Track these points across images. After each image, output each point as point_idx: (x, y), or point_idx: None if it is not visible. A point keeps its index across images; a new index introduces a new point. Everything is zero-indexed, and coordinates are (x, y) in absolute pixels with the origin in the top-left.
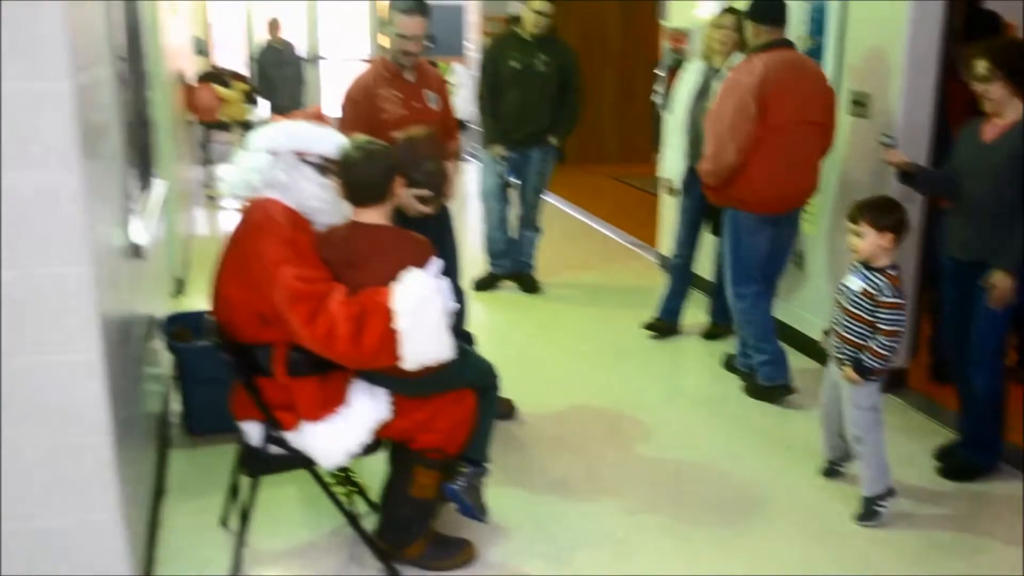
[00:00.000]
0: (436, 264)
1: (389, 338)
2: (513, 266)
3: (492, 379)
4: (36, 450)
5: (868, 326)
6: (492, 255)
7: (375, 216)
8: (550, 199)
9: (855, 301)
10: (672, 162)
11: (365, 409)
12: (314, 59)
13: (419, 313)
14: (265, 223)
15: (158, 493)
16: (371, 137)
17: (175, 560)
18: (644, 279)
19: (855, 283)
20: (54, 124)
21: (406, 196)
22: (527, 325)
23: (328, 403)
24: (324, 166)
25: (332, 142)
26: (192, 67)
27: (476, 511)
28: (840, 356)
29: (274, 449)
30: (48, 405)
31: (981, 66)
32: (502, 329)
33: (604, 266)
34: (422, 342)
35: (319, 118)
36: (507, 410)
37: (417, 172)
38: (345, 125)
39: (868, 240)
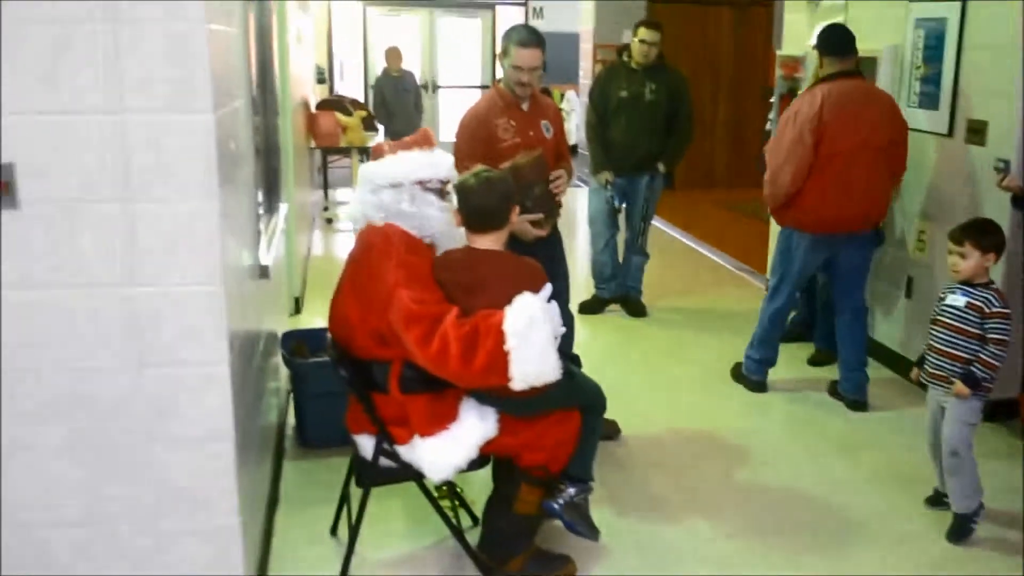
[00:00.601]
0: (547, 289)
1: (499, 358)
2: (619, 290)
3: (599, 400)
4: (166, 454)
5: (976, 339)
6: (599, 279)
7: (491, 242)
8: (658, 224)
9: (961, 316)
10: None
11: (474, 426)
12: (431, 87)
13: (528, 335)
14: (384, 247)
15: (272, 502)
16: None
17: (286, 567)
18: (750, 304)
19: (959, 300)
20: (197, 154)
21: (519, 222)
22: (632, 348)
23: (439, 419)
24: (443, 190)
25: (447, 165)
26: (314, 94)
27: (583, 528)
28: (943, 374)
29: (385, 462)
30: (179, 413)
31: None
32: (607, 352)
33: (711, 291)
34: (530, 363)
35: (428, 142)
36: (611, 431)
37: (527, 197)
38: (461, 153)
39: (972, 260)
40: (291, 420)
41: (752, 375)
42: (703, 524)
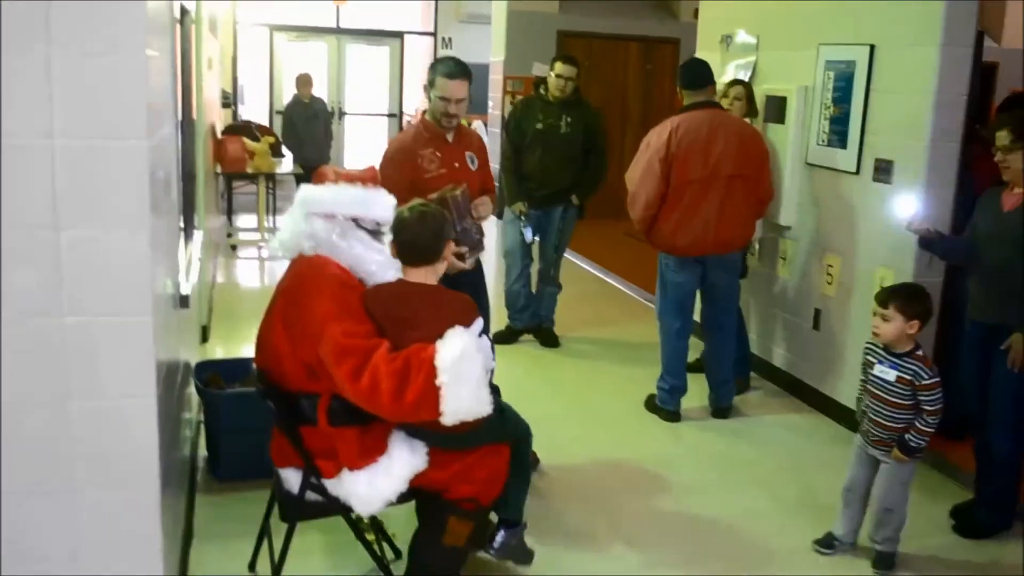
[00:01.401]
0: (479, 323)
1: (430, 393)
2: (532, 320)
3: (527, 435)
4: (91, 491)
5: (909, 410)
6: (512, 309)
7: (424, 275)
8: (570, 256)
9: (891, 390)
10: None
11: (404, 459)
12: (338, 114)
13: (460, 370)
14: (315, 279)
15: (187, 537)
16: (414, 198)
17: None
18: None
19: (888, 373)
20: (130, 182)
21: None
22: (546, 379)
23: (369, 452)
24: (378, 231)
25: (387, 207)
26: (219, 120)
27: (518, 556)
28: (881, 438)
29: (312, 496)
30: (104, 448)
31: (1003, 136)
32: (522, 382)
33: (622, 322)
34: (462, 399)
35: (373, 179)
36: (531, 461)
37: (454, 230)
38: (387, 183)
39: (894, 325)
40: (203, 452)
41: (665, 405)
42: (626, 554)
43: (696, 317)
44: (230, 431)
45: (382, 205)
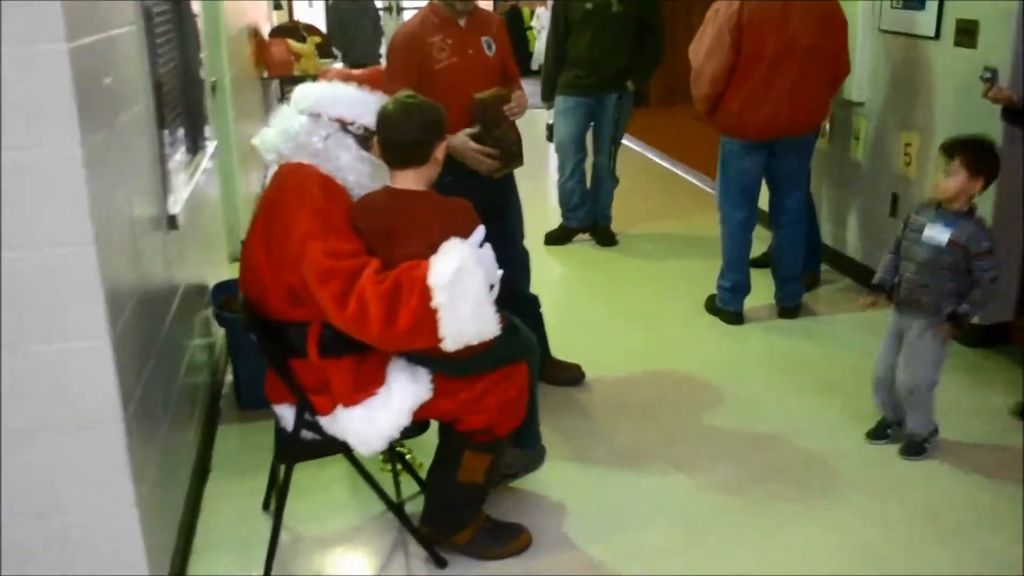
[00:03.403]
0: (479, 232)
1: (426, 317)
2: (588, 218)
3: (534, 352)
4: (45, 443)
5: (962, 274)
6: (566, 207)
7: (413, 181)
8: (629, 143)
9: (942, 253)
10: None
11: (404, 391)
12: (395, 9)
13: (458, 288)
14: (297, 192)
15: (203, 472)
16: (414, 91)
17: (213, 548)
18: None
19: (941, 233)
20: (49, 92)
21: (467, 148)
22: (601, 282)
23: (365, 385)
24: (367, 137)
25: None
26: (268, 21)
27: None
28: (924, 302)
29: (309, 434)
30: (54, 395)
31: None
32: (573, 286)
33: (685, 215)
34: (463, 320)
35: (376, 83)
36: (575, 375)
37: (487, 136)
38: (393, 75)
39: (957, 180)
40: (230, 378)
41: (726, 306)
42: (675, 478)
43: (762, 206)
44: (249, 356)
45: (375, 109)
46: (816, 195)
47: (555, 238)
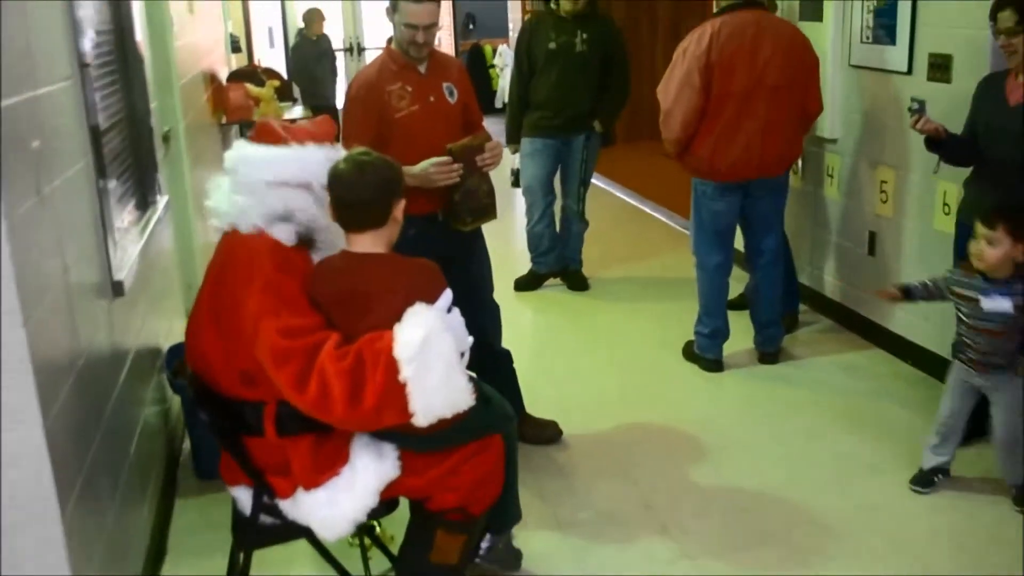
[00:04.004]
0: (446, 296)
1: (394, 392)
2: (558, 262)
3: (510, 423)
4: None
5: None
6: (536, 252)
7: (371, 243)
8: (596, 181)
9: (1009, 321)
10: None
11: (369, 470)
12: (356, 49)
13: (426, 358)
14: (247, 266)
15: (158, 555)
16: (370, 145)
17: None
18: None
19: (1001, 304)
20: None
21: (431, 169)
22: (574, 329)
23: (327, 465)
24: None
25: None
26: (225, 66)
27: (506, 563)
28: (992, 365)
29: (268, 518)
30: None
31: (1006, 18)
32: (546, 335)
33: (657, 255)
34: (433, 392)
35: (327, 135)
36: (552, 433)
37: (455, 189)
38: (349, 129)
39: (1001, 249)
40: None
41: (705, 353)
42: (660, 545)
43: (737, 246)
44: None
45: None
46: (792, 235)
47: (524, 284)
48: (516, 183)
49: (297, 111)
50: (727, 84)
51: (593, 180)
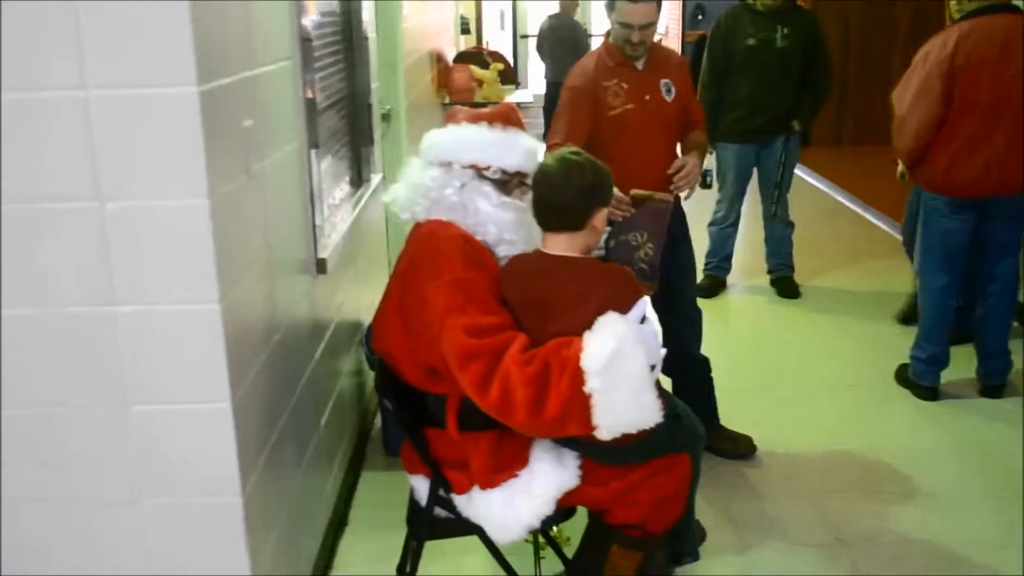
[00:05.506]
0: (641, 305)
1: (577, 404)
2: (773, 268)
3: (699, 445)
4: (156, 502)
5: None
6: (718, 256)
7: (566, 246)
8: (817, 183)
9: None
10: None
11: (549, 476)
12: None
13: (615, 372)
14: (432, 259)
15: (339, 524)
16: (582, 147)
17: None
18: None
19: None
20: (174, 139)
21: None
22: (780, 339)
23: (506, 466)
24: (507, 181)
25: (519, 152)
26: (453, 46)
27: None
28: None
29: (443, 511)
30: (171, 460)
31: None
32: (750, 343)
33: (874, 267)
34: (619, 407)
35: (508, 119)
36: (745, 448)
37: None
38: (563, 120)
39: None
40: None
41: (921, 380)
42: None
43: None
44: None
45: (513, 150)
46: None
47: (707, 290)
48: (707, 184)
49: (519, 95)
50: (971, 94)
51: (805, 177)
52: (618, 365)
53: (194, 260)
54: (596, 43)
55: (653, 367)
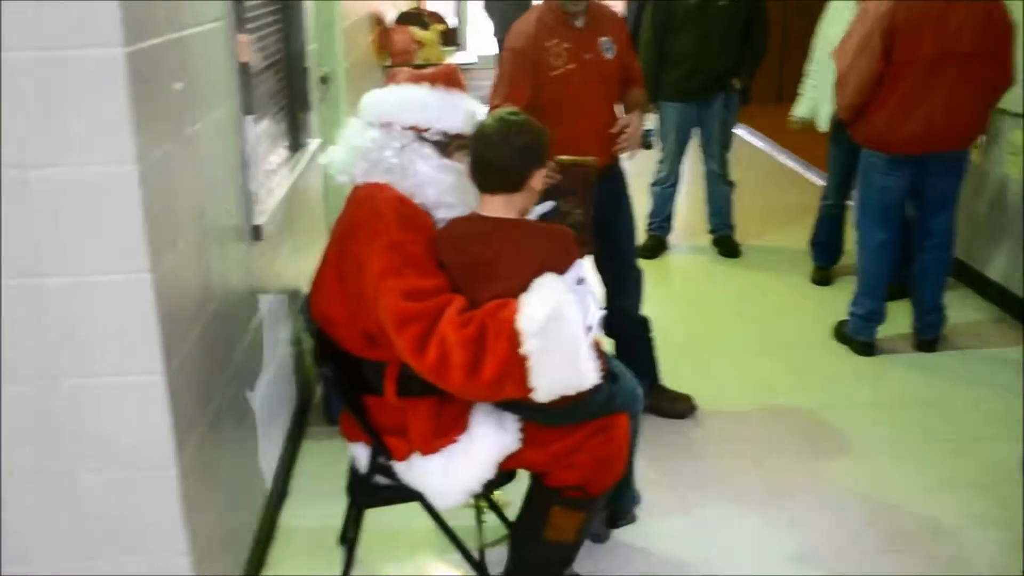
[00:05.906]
0: (579, 266)
1: (514, 366)
2: (714, 228)
3: (638, 404)
4: (90, 483)
5: None
6: (659, 216)
7: (502, 208)
8: (753, 140)
9: None
10: (813, 102)
11: (489, 440)
12: None
13: (551, 333)
14: (371, 223)
15: (280, 495)
16: (522, 108)
17: None
18: None
19: None
20: (101, 102)
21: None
22: (719, 298)
23: (445, 431)
24: (447, 143)
25: (460, 113)
26: (392, 9)
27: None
28: None
29: (382, 478)
30: (105, 433)
31: None
32: (690, 302)
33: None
34: (556, 369)
35: (451, 81)
36: (685, 407)
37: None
38: (504, 81)
39: None
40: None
41: (858, 335)
42: (790, 539)
43: None
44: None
45: (454, 111)
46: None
47: (650, 251)
48: (647, 145)
49: (461, 56)
50: (912, 49)
51: (746, 136)
52: (554, 327)
53: (123, 229)
54: None
55: (590, 328)
